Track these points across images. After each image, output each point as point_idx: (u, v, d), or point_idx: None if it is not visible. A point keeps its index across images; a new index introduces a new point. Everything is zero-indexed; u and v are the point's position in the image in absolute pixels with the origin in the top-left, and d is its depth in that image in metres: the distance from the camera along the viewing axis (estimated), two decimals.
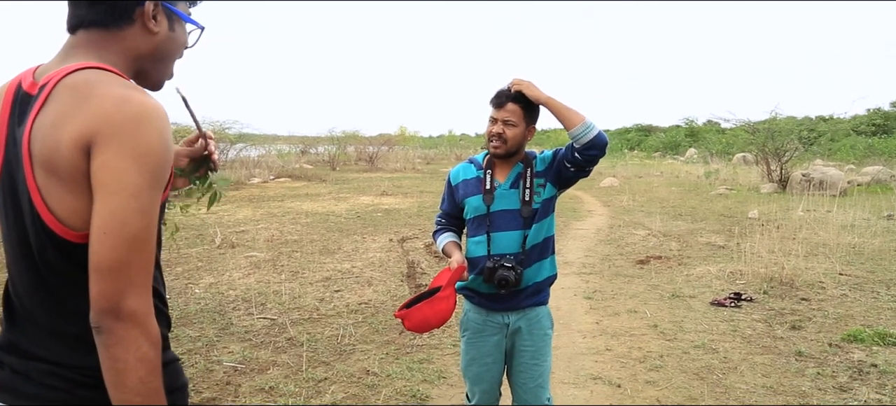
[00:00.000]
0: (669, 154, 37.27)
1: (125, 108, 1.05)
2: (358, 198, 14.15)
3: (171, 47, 1.27)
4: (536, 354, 2.45)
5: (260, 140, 29.73)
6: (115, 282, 1.02)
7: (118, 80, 1.11)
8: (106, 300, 1.02)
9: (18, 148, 1.08)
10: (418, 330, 2.40)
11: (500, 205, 2.42)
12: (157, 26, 1.22)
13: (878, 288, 6.02)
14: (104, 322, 1.02)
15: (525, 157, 2.47)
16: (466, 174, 2.53)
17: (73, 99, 1.06)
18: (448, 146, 41.11)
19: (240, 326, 4.85)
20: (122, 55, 1.19)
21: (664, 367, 4.08)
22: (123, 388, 1.03)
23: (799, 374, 3.96)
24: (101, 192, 1.02)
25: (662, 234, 9.21)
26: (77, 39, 1.18)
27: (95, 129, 1.02)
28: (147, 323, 1.06)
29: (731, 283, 6.22)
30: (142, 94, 1.10)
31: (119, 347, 1.03)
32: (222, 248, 8.02)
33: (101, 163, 1.02)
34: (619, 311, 5.34)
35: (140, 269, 1.05)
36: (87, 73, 1.10)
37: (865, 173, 17.82)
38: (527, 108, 2.38)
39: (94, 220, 1.03)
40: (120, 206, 1.03)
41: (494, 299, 2.43)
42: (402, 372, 3.98)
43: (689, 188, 16.79)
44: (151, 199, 1.06)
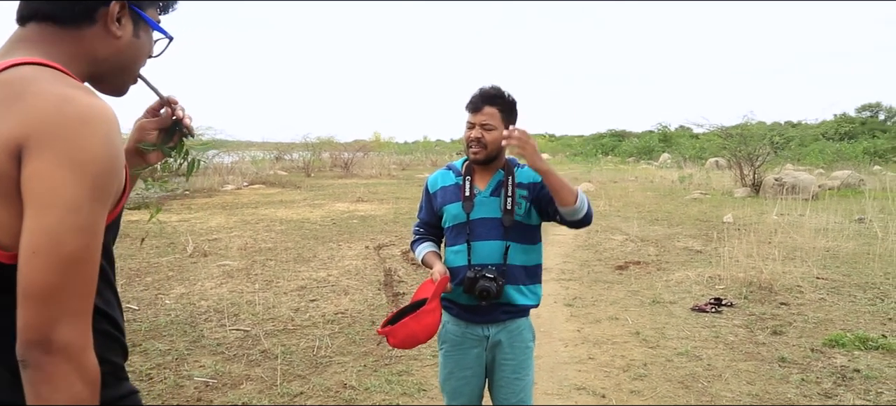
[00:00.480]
0: (643, 159, 37.60)
1: (65, 108, 0.91)
2: (333, 204, 13.97)
3: (134, 55, 1.15)
4: (517, 368, 2.35)
5: (233, 146, 29.35)
6: (45, 309, 0.88)
7: (61, 78, 0.98)
8: (34, 331, 0.88)
9: None
10: (404, 346, 2.27)
11: (481, 213, 2.32)
12: (120, 30, 1.09)
13: (855, 291, 6.05)
14: (31, 356, 0.89)
15: (506, 164, 2.37)
16: (445, 181, 2.44)
17: (5, 97, 0.93)
18: (423, 152, 40.97)
19: (212, 339, 4.68)
20: (76, 57, 1.07)
21: (648, 375, 4.01)
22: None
23: (783, 381, 3.92)
24: (33, 205, 0.89)
25: (640, 239, 9.20)
26: (25, 33, 1.05)
27: (28, 132, 0.89)
28: (82, 358, 0.91)
29: (710, 288, 6.20)
30: (87, 95, 0.97)
31: (47, 386, 0.89)
32: (194, 256, 7.81)
33: (33, 171, 0.89)
34: (600, 319, 5.27)
35: (76, 295, 0.91)
36: (25, 69, 0.97)
37: (835, 177, 18.11)
38: (505, 111, 2.29)
39: (23, 238, 0.89)
40: (54, 223, 0.89)
41: (473, 311, 2.33)
42: (381, 385, 3.85)
43: (664, 193, 16.89)
44: (93, 214, 0.93)
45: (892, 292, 5.97)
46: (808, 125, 28.02)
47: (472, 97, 2.30)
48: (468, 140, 2.30)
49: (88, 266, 0.93)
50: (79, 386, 0.91)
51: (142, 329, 4.85)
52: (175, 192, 16.77)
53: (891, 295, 5.88)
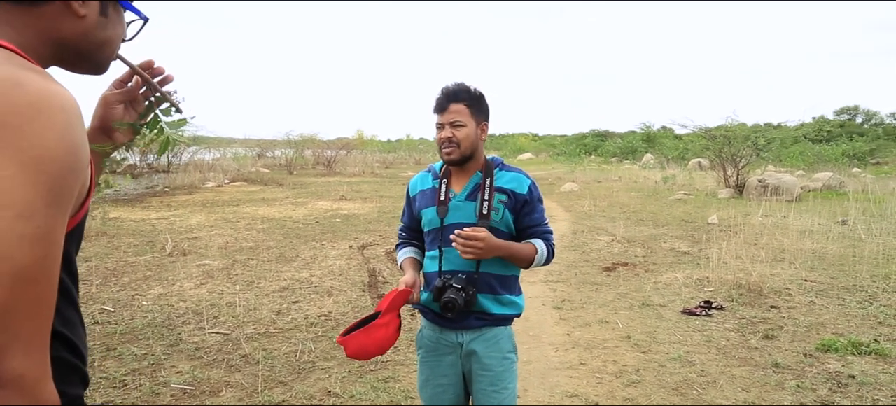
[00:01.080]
0: (626, 159, 37.72)
1: (14, 94, 0.77)
2: (316, 203, 13.77)
3: (103, 36, 1.01)
4: (495, 380, 2.20)
5: (215, 143, 29.00)
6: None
7: (14, 60, 0.84)
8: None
9: None
10: (358, 358, 2.16)
11: (455, 217, 2.21)
12: (83, 8, 0.96)
13: (843, 294, 6.01)
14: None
15: (485, 164, 2.27)
16: (423, 184, 2.36)
17: None
18: (407, 150, 40.79)
19: (190, 343, 4.51)
20: (36, 38, 0.93)
21: (642, 382, 3.92)
22: None
23: (779, 388, 3.84)
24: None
25: (626, 240, 9.13)
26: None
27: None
28: (37, 390, 0.77)
29: (699, 291, 6.13)
30: (42, 79, 0.83)
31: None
32: (173, 255, 7.60)
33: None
34: (589, 322, 5.17)
35: (30, 317, 0.77)
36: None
37: (817, 179, 18.23)
38: (472, 104, 2.21)
39: None
40: (2, 231, 0.74)
41: (446, 317, 2.19)
42: (367, 392, 3.72)
43: (648, 193, 16.89)
44: (50, 220, 0.78)
45: (880, 295, 5.94)
46: (788, 127, 28.28)
47: (436, 98, 2.23)
48: (440, 141, 2.21)
49: (44, 283, 0.79)
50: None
51: (117, 332, 4.66)
52: (155, 189, 16.47)
53: (879, 298, 5.85)
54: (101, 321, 4.92)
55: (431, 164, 2.41)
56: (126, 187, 16.78)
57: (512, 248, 2.18)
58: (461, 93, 2.21)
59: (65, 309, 0.93)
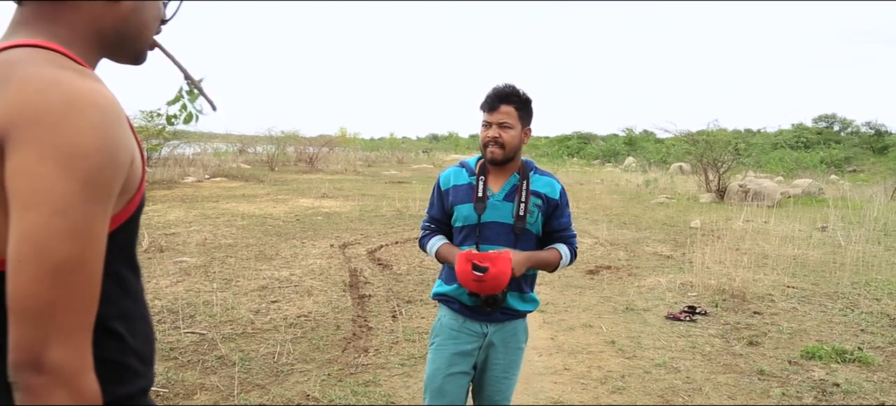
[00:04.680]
0: (609, 162, 37.90)
1: (50, 93, 0.79)
2: (297, 200, 13.61)
3: (141, 18, 1.01)
4: (507, 368, 2.37)
5: (195, 137, 28.64)
6: (34, 327, 0.78)
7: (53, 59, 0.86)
8: (23, 350, 0.78)
9: None
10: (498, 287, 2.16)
11: (492, 216, 2.27)
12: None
13: (825, 301, 6.02)
14: (21, 377, 0.79)
15: (522, 166, 2.34)
16: (458, 179, 2.37)
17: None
18: (390, 149, 40.61)
19: (164, 343, 4.38)
20: (79, 30, 0.94)
21: (627, 389, 3.86)
22: None
23: (764, 395, 3.80)
24: (17, 206, 0.78)
25: (609, 243, 9.12)
26: (24, 13, 0.93)
27: (10, 122, 0.78)
28: (77, 381, 0.80)
29: (682, 295, 6.11)
30: (80, 78, 0.84)
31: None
32: (150, 251, 7.43)
33: (15, 167, 0.78)
34: (573, 326, 5.11)
35: (70, 310, 0.79)
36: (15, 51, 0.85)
37: (796, 185, 18.40)
38: (521, 109, 2.28)
39: (9, 246, 0.78)
40: (39, 227, 0.77)
41: (475, 309, 2.29)
42: (346, 396, 3.62)
43: (630, 196, 16.94)
44: (88, 215, 0.80)
45: (862, 302, 5.95)
46: (768, 133, 28.45)
47: (487, 96, 2.27)
48: (485, 139, 2.26)
49: (83, 276, 0.81)
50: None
51: None
52: None
53: (860, 304, 5.87)
54: None
55: (464, 160, 2.44)
56: None
57: (537, 259, 2.30)
58: (512, 96, 2.25)
59: (121, 301, 0.96)
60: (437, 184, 2.43)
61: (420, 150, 45.74)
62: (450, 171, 2.42)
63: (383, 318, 5.15)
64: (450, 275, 2.33)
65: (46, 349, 0.78)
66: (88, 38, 0.96)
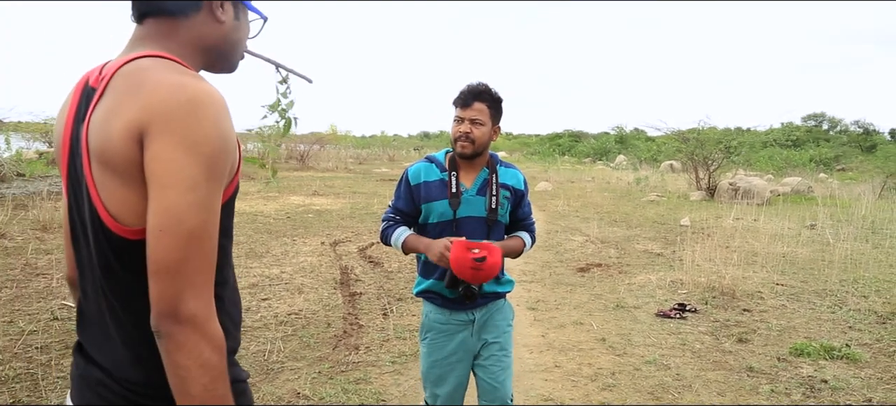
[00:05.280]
0: (600, 160, 38.00)
1: (178, 94, 0.98)
2: (288, 198, 13.57)
3: (237, 37, 1.22)
4: (505, 345, 2.46)
5: None
6: (173, 283, 0.96)
7: (174, 67, 1.05)
8: (165, 303, 0.96)
9: (79, 145, 1.04)
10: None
11: (467, 211, 2.35)
12: (224, 15, 1.17)
13: (814, 298, 6.06)
14: (164, 326, 0.97)
15: (490, 160, 2.43)
16: (428, 175, 2.40)
17: (126, 88, 1.00)
18: (381, 146, 40.54)
19: None
20: (186, 45, 1.14)
21: (617, 386, 3.87)
22: (188, 396, 0.98)
23: (753, 392, 3.83)
24: (155, 185, 0.96)
25: (600, 241, 9.14)
26: (143, 30, 1.13)
27: (148, 118, 0.97)
28: (207, 326, 0.99)
29: (672, 293, 6.13)
30: (197, 81, 1.03)
31: (180, 353, 0.97)
32: None
33: (153, 153, 0.96)
34: (564, 323, 5.13)
35: (199, 269, 0.98)
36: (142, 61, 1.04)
37: (786, 184, 18.51)
38: (493, 107, 2.36)
39: (149, 219, 0.97)
40: (175, 201, 0.96)
41: (457, 300, 2.37)
42: (337, 394, 3.61)
43: (621, 194, 16.99)
44: (210, 192, 0.99)
45: (849, 299, 6.00)
46: (758, 132, 28.70)
47: (460, 92, 2.34)
48: (457, 134, 2.32)
49: (207, 241, 0.99)
50: (207, 352, 0.98)
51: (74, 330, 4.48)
52: None
53: (848, 302, 5.91)
54: (60, 317, 4.73)
55: (431, 155, 2.48)
56: None
57: (508, 248, 2.43)
58: (485, 94, 2.33)
59: (222, 268, 1.12)
60: (404, 177, 2.44)
61: (411, 148, 45.69)
62: (419, 166, 2.43)
63: (374, 316, 5.14)
64: (427, 268, 2.40)
65: (182, 302, 0.96)
66: (195, 52, 1.15)
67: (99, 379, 1.10)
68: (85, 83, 1.10)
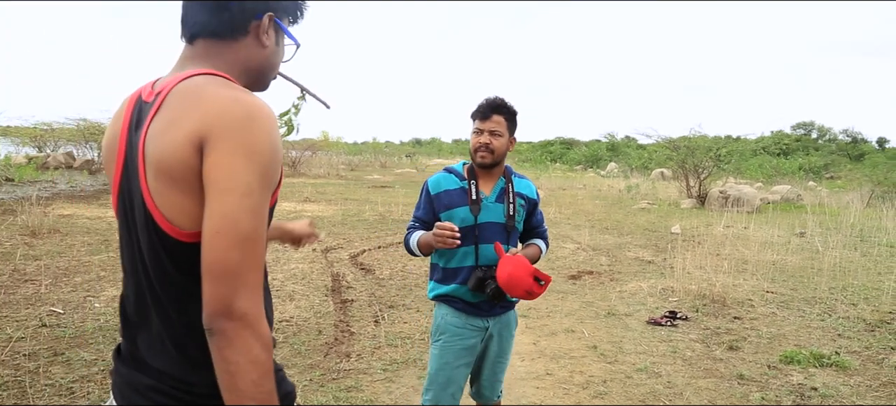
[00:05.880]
0: (591, 167, 38.12)
1: (235, 108, 1.05)
2: (279, 204, 13.50)
3: (275, 60, 1.31)
4: (502, 353, 2.62)
5: None
6: (226, 283, 1.01)
7: (227, 83, 1.13)
8: (218, 301, 1.01)
9: (135, 154, 1.10)
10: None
11: (487, 217, 2.48)
12: (268, 39, 1.25)
13: (803, 306, 6.10)
14: (216, 324, 1.01)
15: (505, 170, 2.58)
16: (448, 184, 2.55)
17: (185, 102, 1.07)
18: (372, 153, 40.51)
19: None
20: (233, 65, 1.22)
21: (609, 393, 3.88)
22: (237, 391, 1.02)
23: (744, 400, 3.84)
24: (214, 190, 1.02)
25: (591, 249, 9.16)
26: (194, 50, 1.21)
27: (207, 129, 1.03)
28: (258, 325, 1.03)
29: (664, 300, 6.15)
30: (250, 96, 1.11)
31: (231, 350, 1.01)
32: None
33: (213, 161, 1.02)
34: (556, 331, 5.13)
35: (251, 270, 1.03)
36: (198, 78, 1.12)
37: (776, 192, 18.66)
38: (510, 119, 2.51)
39: (206, 222, 1.02)
40: (232, 206, 1.01)
41: (477, 306, 2.49)
42: (328, 402, 3.60)
43: (612, 202, 17.06)
44: (262, 198, 1.05)
45: (839, 307, 6.04)
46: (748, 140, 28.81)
47: (480, 106, 2.50)
48: (477, 145, 2.48)
49: (259, 244, 1.05)
50: (257, 349, 1.02)
51: (66, 336, 4.45)
52: (107, 186, 16.01)
53: (837, 310, 5.95)
54: (49, 324, 4.70)
55: (450, 166, 2.63)
56: (82, 183, 16.27)
57: (532, 257, 2.55)
58: (502, 107, 2.49)
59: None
60: (425, 188, 2.58)
61: (403, 155, 45.67)
62: (439, 177, 2.58)
63: (365, 323, 5.13)
64: (447, 275, 2.50)
65: (235, 300, 1.01)
66: (240, 71, 1.23)
67: (150, 384, 1.14)
68: (138, 97, 1.18)
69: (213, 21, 1.19)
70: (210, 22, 1.19)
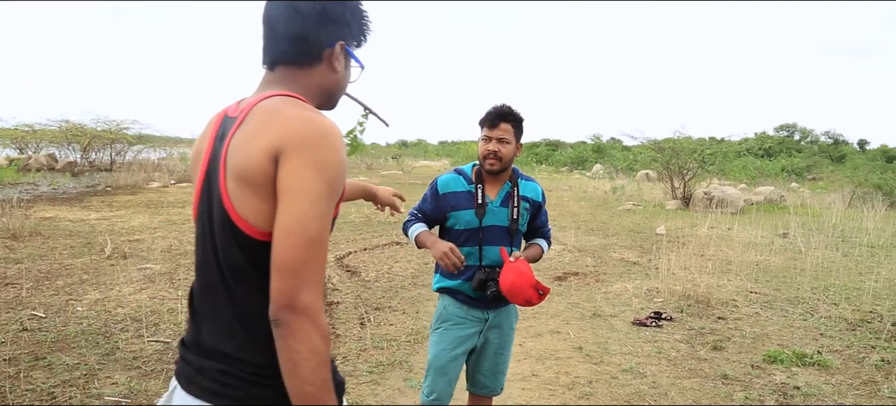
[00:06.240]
0: (577, 169, 38.25)
1: (309, 126, 1.19)
2: None
3: (344, 84, 1.44)
4: (502, 347, 2.70)
5: (161, 142, 28.21)
6: (293, 279, 1.12)
7: (302, 104, 1.27)
8: (284, 296, 1.11)
9: (217, 161, 1.24)
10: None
11: (492, 220, 2.59)
12: (339, 65, 1.38)
13: (786, 306, 6.16)
14: (281, 316, 1.12)
15: (512, 174, 2.68)
16: (456, 186, 2.65)
17: (264, 119, 1.21)
18: (358, 155, 40.37)
19: (127, 351, 4.29)
20: (309, 89, 1.36)
21: (594, 394, 3.90)
22: (298, 376, 1.12)
23: (728, 399, 3.87)
24: (286, 196, 1.14)
25: (577, 250, 9.20)
26: (274, 75, 1.36)
27: (283, 143, 1.16)
28: (319, 318, 1.14)
29: (649, 301, 6.19)
30: (321, 116, 1.24)
31: (294, 339, 1.11)
32: (113, 258, 7.28)
33: (288, 171, 1.15)
34: (541, 332, 5.15)
35: (315, 269, 1.15)
36: (276, 99, 1.27)
37: (759, 193, 18.81)
38: (516, 126, 2.60)
39: (277, 223, 1.14)
40: (302, 210, 1.13)
41: (479, 299, 2.60)
42: None
43: (597, 203, 17.13)
44: (328, 206, 1.17)
45: (821, 307, 6.11)
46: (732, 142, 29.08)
47: (488, 114, 2.60)
48: (485, 152, 2.58)
49: (323, 247, 1.17)
50: (317, 339, 1.13)
51: (47, 340, 4.40)
52: (95, 188, 15.85)
53: (819, 309, 6.02)
54: (30, 328, 4.64)
55: (460, 167, 2.73)
56: (65, 185, 16.10)
57: (532, 257, 2.69)
58: (510, 115, 2.59)
59: None
60: (434, 185, 2.70)
61: (389, 157, 45.60)
62: (448, 177, 2.70)
63: (351, 326, 5.12)
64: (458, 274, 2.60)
65: (299, 295, 1.12)
66: (314, 94, 1.37)
67: (218, 367, 1.24)
68: (224, 114, 1.34)
69: (292, 51, 1.34)
70: (289, 52, 1.34)
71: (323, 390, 1.14)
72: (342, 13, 1.37)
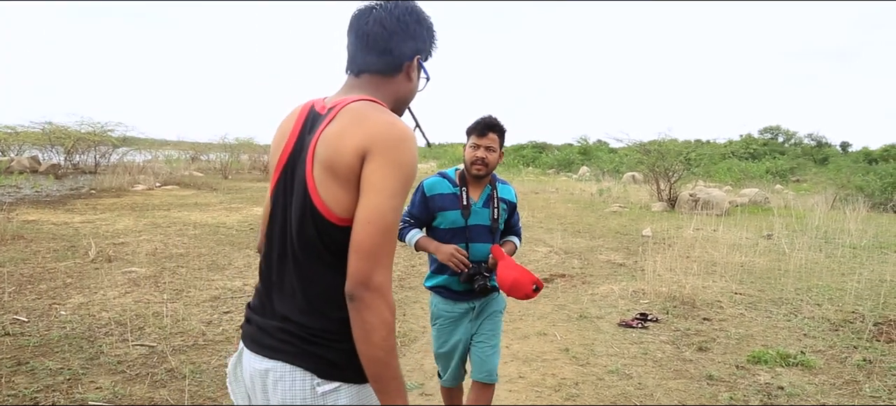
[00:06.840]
0: (563, 171, 38.38)
1: (392, 130, 1.34)
2: (251, 208, 13.40)
3: (415, 93, 1.60)
4: (495, 327, 2.93)
5: (146, 144, 28.02)
6: (369, 261, 1.28)
7: (384, 109, 1.42)
8: (361, 275, 1.28)
9: (304, 150, 1.40)
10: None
11: (476, 220, 2.83)
12: (414, 76, 1.56)
13: (770, 307, 6.22)
14: (358, 292, 1.28)
15: (492, 179, 2.93)
16: (441, 188, 2.87)
17: (353, 119, 1.36)
18: None
19: (112, 356, 4.25)
20: (388, 96, 1.52)
21: (580, 395, 3.91)
22: (370, 343, 1.29)
23: (713, 399, 3.91)
24: (369, 190, 1.30)
25: (564, 252, 9.24)
26: (359, 81, 1.51)
27: (370, 143, 1.31)
28: (388, 295, 1.30)
29: (635, 303, 6.23)
30: (401, 122, 1.40)
31: (368, 312, 1.28)
32: (97, 261, 7.21)
33: (372, 168, 1.31)
34: (528, 334, 5.16)
35: (388, 253, 1.31)
36: (364, 103, 1.42)
37: (744, 195, 18.96)
38: (501, 136, 2.86)
39: (359, 212, 1.31)
40: (381, 203, 1.30)
41: (463, 293, 2.84)
42: None
43: (584, 205, 17.19)
44: (400, 202, 1.33)
45: (804, 307, 6.17)
46: (718, 144, 29.32)
47: (477, 124, 2.84)
48: (473, 159, 2.81)
49: (395, 235, 1.33)
50: (386, 313, 1.29)
51: (30, 344, 4.35)
52: (79, 191, 15.69)
53: (803, 310, 6.08)
54: (12, 332, 4.59)
55: (444, 171, 2.94)
56: (48, 188, 15.93)
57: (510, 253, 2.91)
58: (497, 126, 2.84)
59: None
60: (421, 189, 2.91)
61: None
62: (433, 180, 2.91)
63: None
64: (441, 266, 2.82)
65: (374, 274, 1.28)
66: (390, 101, 1.51)
67: (278, 327, 1.41)
68: (310, 108, 1.49)
69: (379, 63, 1.49)
70: (376, 63, 1.50)
71: (390, 355, 1.30)
72: (420, 31, 1.54)
